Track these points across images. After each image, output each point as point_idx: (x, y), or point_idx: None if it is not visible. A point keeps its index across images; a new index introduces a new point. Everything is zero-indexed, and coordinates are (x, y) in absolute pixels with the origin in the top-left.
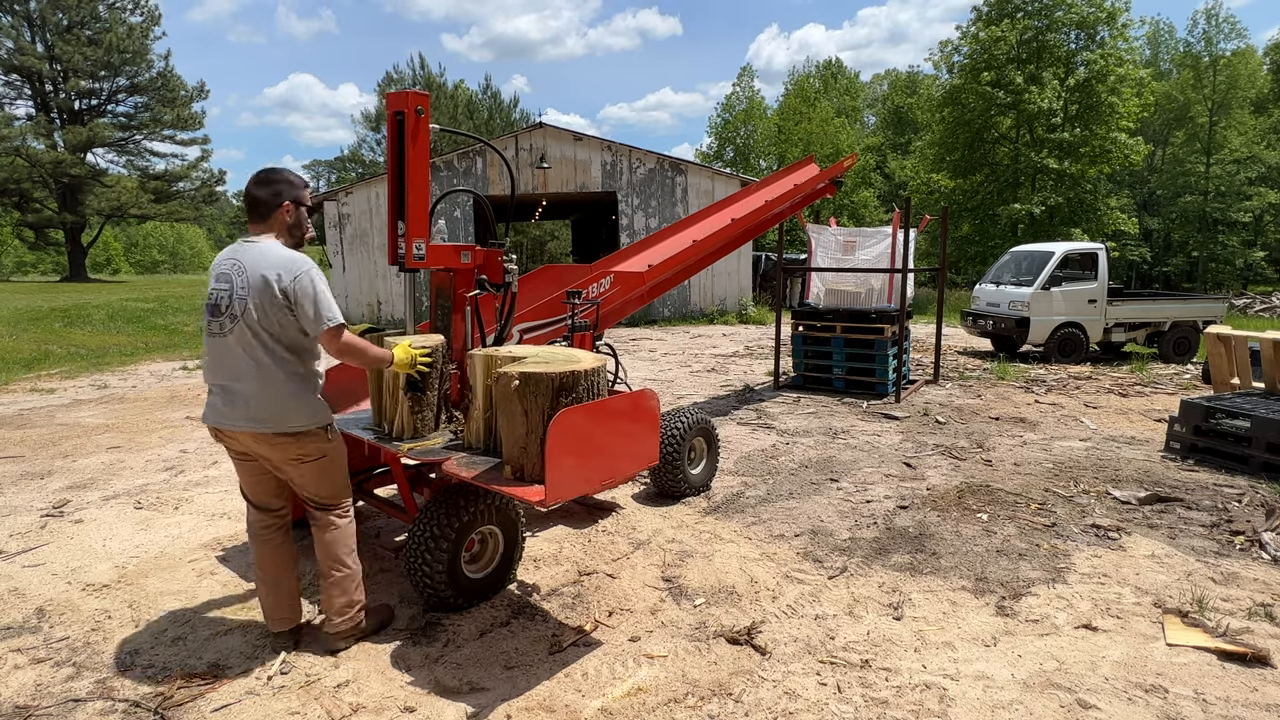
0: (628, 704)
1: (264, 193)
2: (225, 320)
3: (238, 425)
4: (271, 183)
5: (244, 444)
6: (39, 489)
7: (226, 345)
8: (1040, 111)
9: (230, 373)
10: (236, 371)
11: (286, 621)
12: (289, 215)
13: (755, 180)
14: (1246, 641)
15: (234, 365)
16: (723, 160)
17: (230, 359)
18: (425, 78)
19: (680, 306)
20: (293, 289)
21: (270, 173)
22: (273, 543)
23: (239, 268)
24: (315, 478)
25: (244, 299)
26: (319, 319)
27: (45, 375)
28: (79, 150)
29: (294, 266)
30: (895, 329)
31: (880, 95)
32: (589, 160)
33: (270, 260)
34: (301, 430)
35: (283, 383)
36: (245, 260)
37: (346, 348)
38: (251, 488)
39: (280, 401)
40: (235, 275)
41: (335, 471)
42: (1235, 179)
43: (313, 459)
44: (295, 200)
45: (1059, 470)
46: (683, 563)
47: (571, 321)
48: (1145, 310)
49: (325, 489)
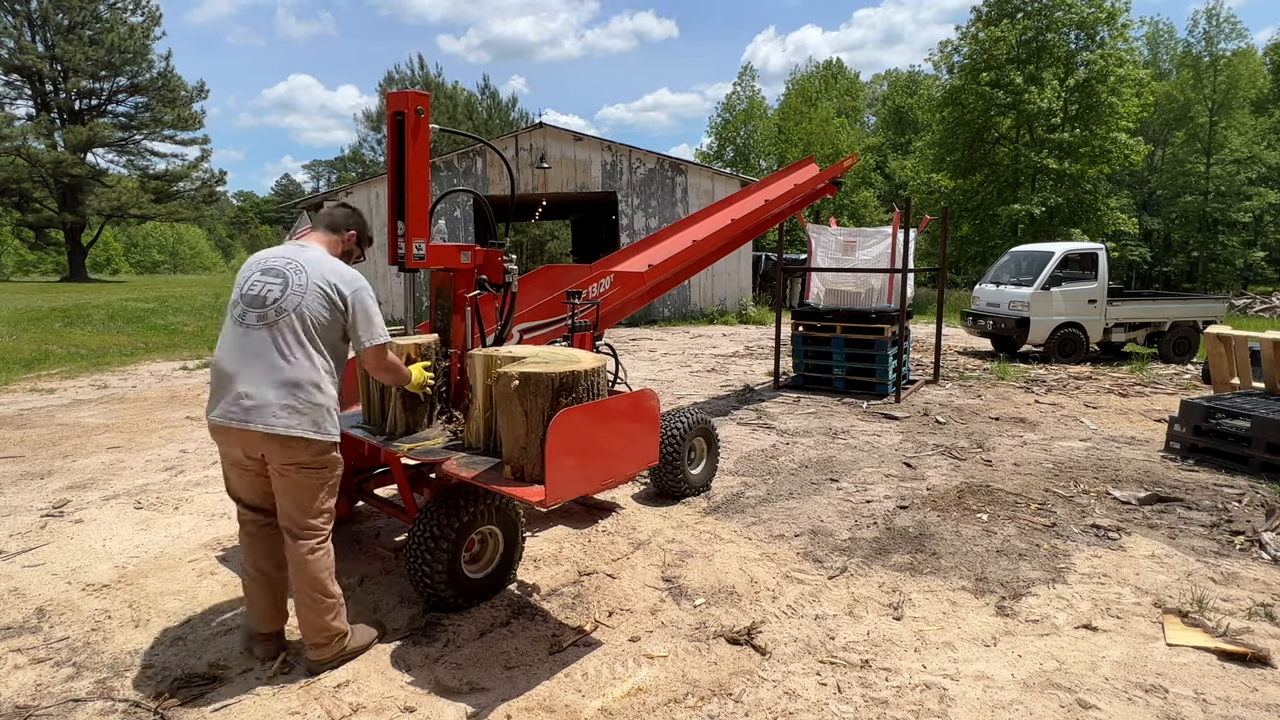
0: (628, 704)
1: (342, 214)
2: (271, 311)
3: (257, 425)
4: (352, 211)
5: (252, 446)
6: (39, 489)
7: (264, 338)
8: (1040, 112)
9: (264, 367)
10: (271, 366)
11: (273, 620)
12: (349, 241)
13: (755, 180)
14: (1246, 641)
15: (269, 359)
16: (723, 160)
17: (267, 353)
18: (425, 78)
19: (680, 306)
20: (353, 300)
21: (353, 207)
22: (265, 537)
23: (297, 266)
24: (311, 492)
25: (300, 294)
26: (372, 334)
27: (45, 375)
28: (79, 150)
29: (356, 280)
30: (895, 329)
31: (880, 95)
32: (589, 160)
33: (333, 267)
34: (319, 437)
35: (316, 385)
36: (305, 261)
37: (389, 365)
38: (247, 489)
39: (312, 403)
40: (292, 273)
41: (331, 491)
42: (1235, 179)
43: (316, 469)
44: (360, 236)
45: (1059, 470)
46: (683, 563)
47: (571, 321)
48: (1145, 310)
49: (316, 508)
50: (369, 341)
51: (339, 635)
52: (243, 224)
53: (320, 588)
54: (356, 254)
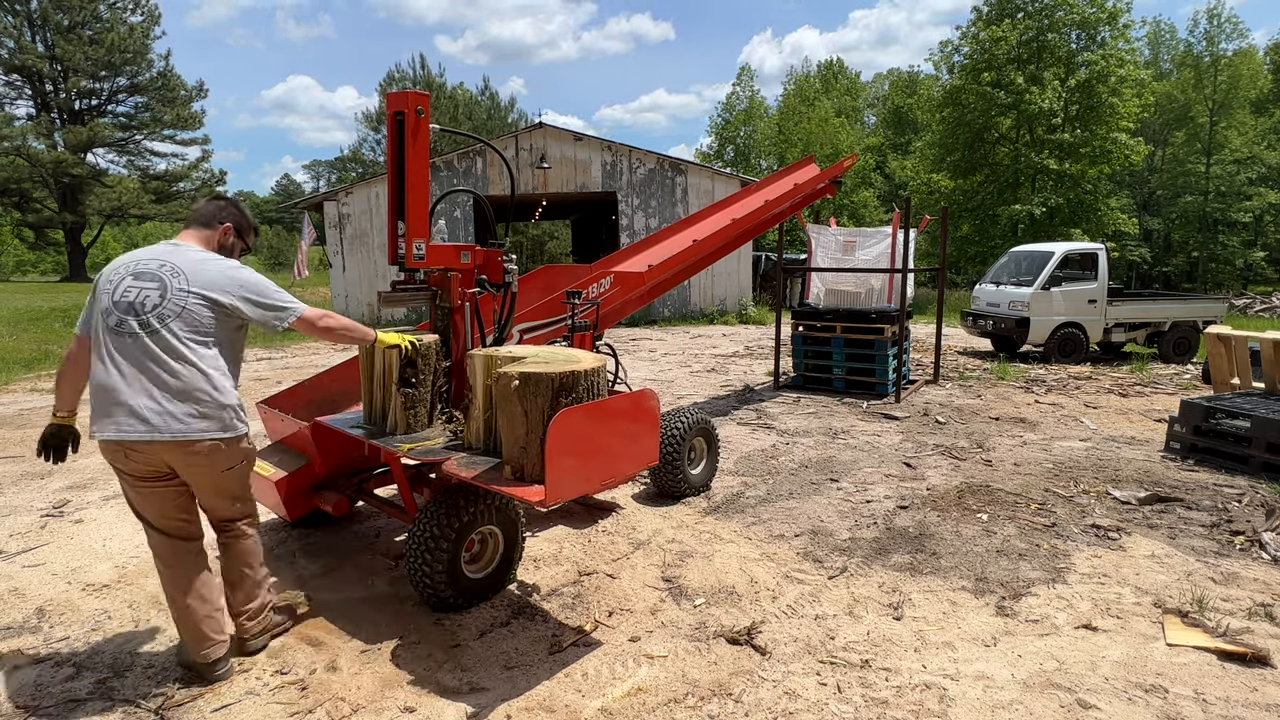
0: (628, 704)
1: (212, 208)
2: (152, 318)
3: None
4: (226, 202)
5: (157, 459)
6: (39, 489)
7: (148, 345)
8: (1040, 112)
9: (154, 376)
10: (162, 375)
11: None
12: (226, 235)
13: (755, 180)
14: (1246, 641)
15: (159, 368)
16: (723, 160)
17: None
18: (425, 78)
19: (680, 306)
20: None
21: (227, 198)
22: (193, 565)
23: (172, 269)
24: (232, 486)
25: (182, 298)
26: (282, 315)
27: (45, 375)
28: (79, 150)
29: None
30: (895, 329)
31: (881, 95)
32: (589, 160)
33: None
34: (231, 435)
35: (215, 387)
36: (180, 262)
37: (325, 326)
38: (157, 511)
39: (216, 404)
40: (169, 276)
41: (245, 481)
42: (1235, 179)
43: (236, 465)
44: (239, 228)
45: (1059, 470)
46: (683, 563)
47: (571, 321)
48: (1145, 310)
49: (240, 499)
50: (284, 321)
51: (269, 605)
52: None
53: (255, 562)
54: (240, 246)
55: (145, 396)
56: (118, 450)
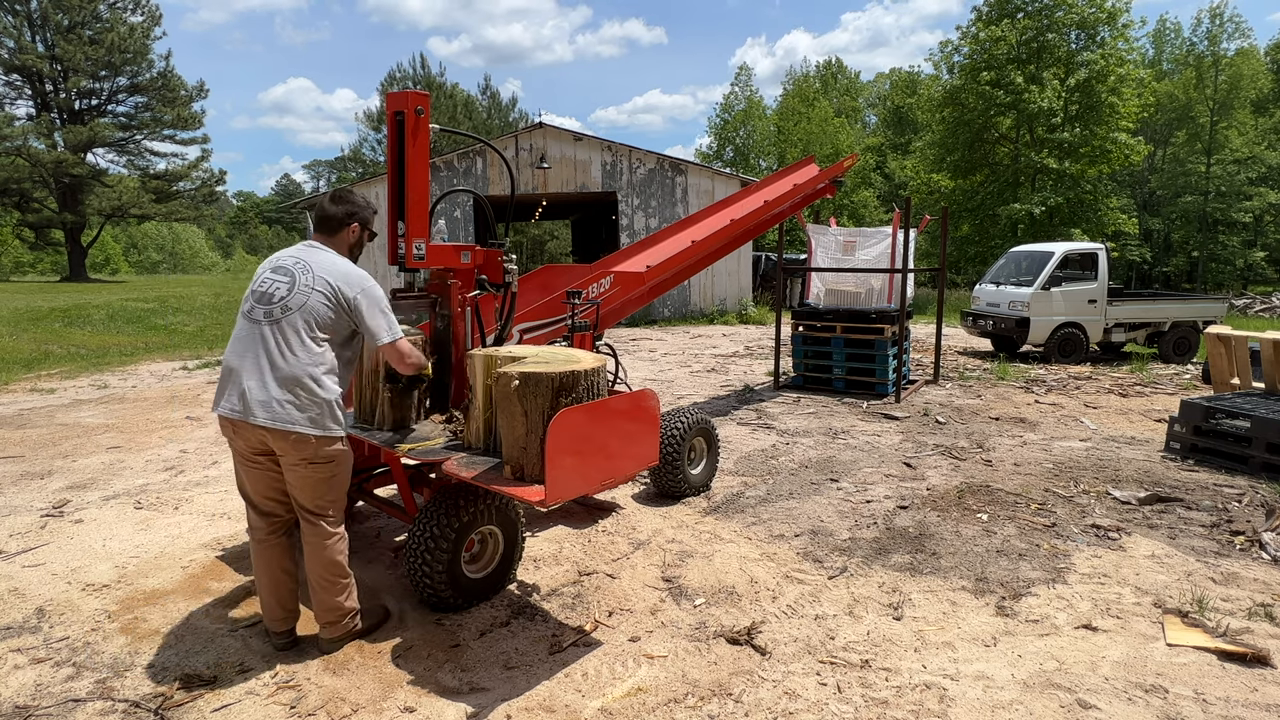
0: (628, 704)
1: (338, 210)
2: (276, 309)
3: (259, 417)
4: (346, 202)
5: (259, 440)
6: (39, 489)
7: (270, 334)
8: (1040, 111)
9: (268, 363)
10: (275, 362)
11: (284, 621)
12: (353, 235)
13: (755, 180)
14: (1246, 641)
15: (273, 355)
16: (722, 160)
17: (271, 349)
18: (425, 78)
19: (680, 306)
20: (356, 302)
21: (346, 193)
22: (273, 545)
23: (304, 266)
24: (318, 485)
25: (306, 293)
26: (382, 333)
27: (45, 375)
28: (79, 150)
29: (362, 280)
30: (895, 329)
31: (881, 95)
32: (589, 160)
33: (339, 268)
34: (320, 434)
35: (315, 380)
36: (312, 261)
37: (407, 356)
38: (256, 489)
39: (313, 399)
40: (300, 272)
41: (339, 482)
42: (1236, 179)
43: (322, 463)
44: (363, 223)
45: (1059, 470)
46: (683, 563)
47: (571, 321)
48: (1145, 310)
49: (325, 498)
50: (380, 340)
51: (350, 614)
52: (242, 224)
53: (334, 570)
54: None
55: (255, 380)
56: (227, 425)
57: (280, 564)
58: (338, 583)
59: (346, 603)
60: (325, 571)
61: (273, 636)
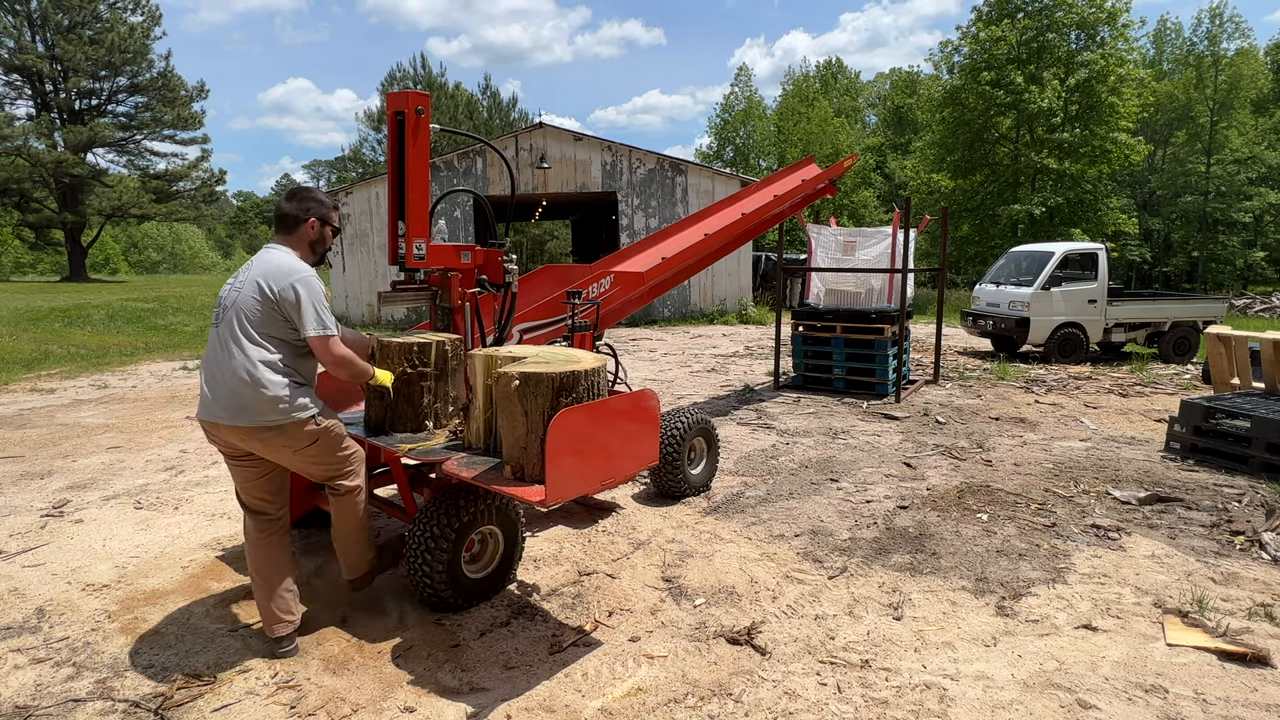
0: (628, 704)
1: (292, 208)
2: (220, 312)
3: (220, 419)
4: (302, 199)
5: (231, 439)
6: (39, 489)
7: (216, 338)
8: (1040, 111)
9: (215, 365)
10: (219, 364)
11: (283, 626)
12: (313, 230)
13: (755, 180)
14: (1246, 641)
15: (216, 357)
16: (722, 160)
17: (217, 352)
18: (426, 77)
19: (680, 306)
20: (280, 294)
21: (302, 190)
22: (268, 546)
23: (248, 266)
24: (313, 459)
25: (238, 292)
26: (307, 326)
27: (45, 375)
28: (80, 150)
29: (292, 273)
30: (895, 329)
31: (881, 95)
32: (589, 160)
33: (272, 265)
34: (279, 423)
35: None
36: (256, 261)
37: (337, 358)
38: (243, 486)
39: (258, 395)
40: (243, 273)
41: (333, 444)
42: (1236, 179)
43: (305, 444)
44: (321, 218)
45: (1059, 470)
46: (683, 563)
47: (571, 321)
48: (1145, 310)
49: (330, 466)
50: (306, 333)
51: (373, 556)
52: (242, 224)
53: (358, 519)
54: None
55: (214, 382)
56: (205, 428)
57: (273, 564)
58: (359, 532)
59: (369, 551)
60: (348, 521)
61: (271, 643)
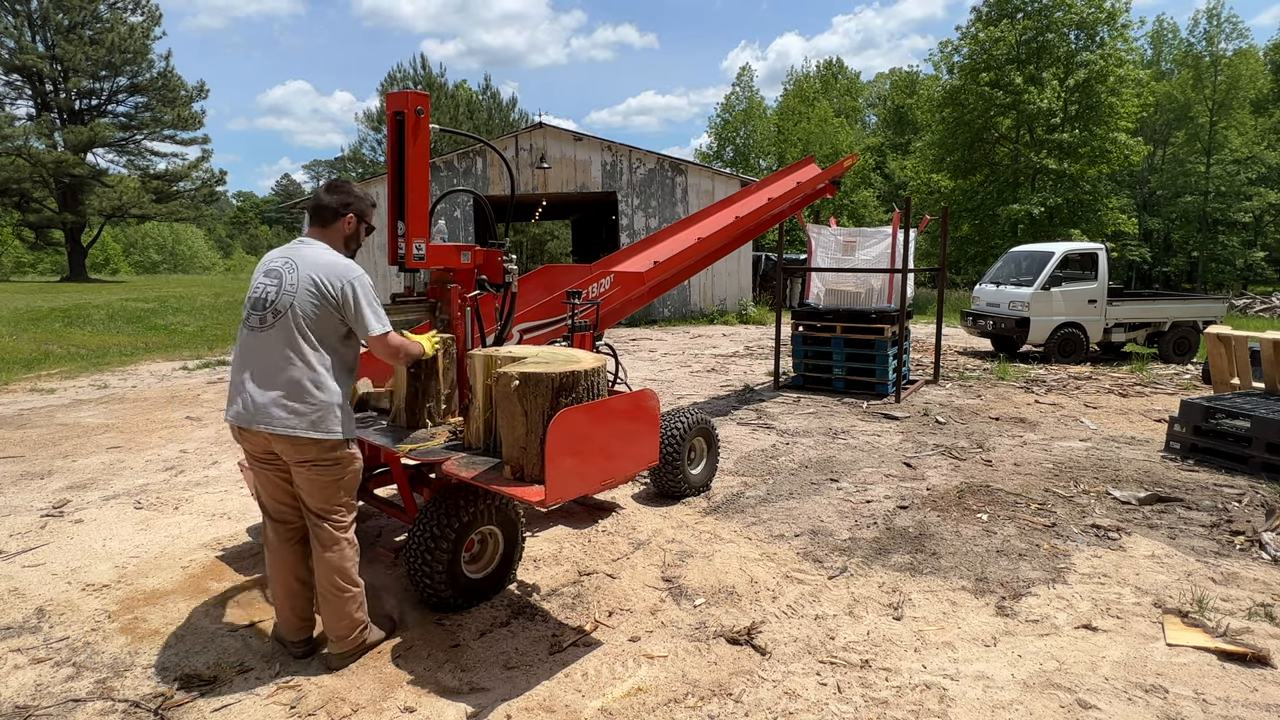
0: (628, 704)
1: (332, 200)
2: (268, 315)
3: (261, 425)
4: (343, 193)
5: (265, 444)
6: (39, 489)
7: (265, 340)
8: (1040, 112)
9: (264, 369)
10: (271, 368)
11: (300, 629)
12: (349, 226)
13: (755, 180)
14: (1246, 641)
15: (269, 361)
16: (722, 160)
17: (267, 355)
18: (426, 78)
19: (680, 306)
20: (343, 293)
21: (342, 184)
22: (289, 554)
23: (291, 264)
24: (324, 487)
25: (293, 294)
26: (369, 325)
27: (45, 375)
28: (80, 150)
29: (348, 272)
30: (895, 329)
31: (881, 95)
32: (589, 160)
33: (324, 262)
34: (322, 437)
35: (315, 383)
36: (299, 258)
37: (396, 348)
38: (266, 491)
39: (310, 403)
40: (287, 271)
41: (347, 485)
42: (1235, 179)
43: (327, 466)
44: (359, 214)
45: (1059, 470)
46: (683, 563)
47: (571, 321)
48: (1145, 310)
49: (332, 501)
50: (369, 332)
51: (360, 626)
52: (242, 224)
53: (343, 576)
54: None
55: (254, 386)
56: (235, 431)
57: (294, 571)
58: (345, 591)
59: (356, 615)
60: (332, 577)
61: (289, 645)
